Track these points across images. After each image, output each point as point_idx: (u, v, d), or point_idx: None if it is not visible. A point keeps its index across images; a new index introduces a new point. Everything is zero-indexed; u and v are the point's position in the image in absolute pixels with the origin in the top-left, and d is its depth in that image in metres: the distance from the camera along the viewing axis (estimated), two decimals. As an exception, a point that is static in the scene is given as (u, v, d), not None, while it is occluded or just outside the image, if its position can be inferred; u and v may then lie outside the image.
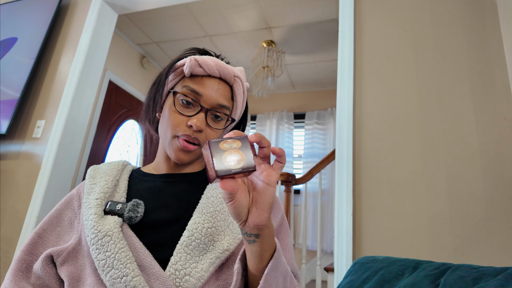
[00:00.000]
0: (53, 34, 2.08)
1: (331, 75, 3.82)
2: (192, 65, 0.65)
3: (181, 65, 0.68)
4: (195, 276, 0.55)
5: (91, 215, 0.60)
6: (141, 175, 0.73)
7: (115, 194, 0.66)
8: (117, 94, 3.33)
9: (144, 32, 3.30)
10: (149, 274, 0.54)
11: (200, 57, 0.66)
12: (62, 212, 0.68)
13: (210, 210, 0.62)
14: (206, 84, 0.66)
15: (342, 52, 1.44)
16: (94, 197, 0.63)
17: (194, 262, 0.56)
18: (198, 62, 0.65)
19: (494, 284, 0.49)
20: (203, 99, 0.65)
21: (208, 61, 0.66)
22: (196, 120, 0.64)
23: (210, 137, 0.67)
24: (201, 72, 0.66)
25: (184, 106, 0.66)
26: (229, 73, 0.68)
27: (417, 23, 1.37)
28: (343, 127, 1.33)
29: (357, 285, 0.65)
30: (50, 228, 0.66)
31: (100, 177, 0.69)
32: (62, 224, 0.67)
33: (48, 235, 0.65)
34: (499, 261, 1.01)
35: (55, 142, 1.77)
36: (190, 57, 0.66)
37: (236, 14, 2.90)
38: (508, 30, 1.15)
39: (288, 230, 0.72)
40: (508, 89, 1.15)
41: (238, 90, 0.70)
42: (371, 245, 1.18)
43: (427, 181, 1.17)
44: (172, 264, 0.55)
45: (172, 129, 0.65)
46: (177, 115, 0.65)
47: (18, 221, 1.71)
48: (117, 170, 0.71)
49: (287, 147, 4.10)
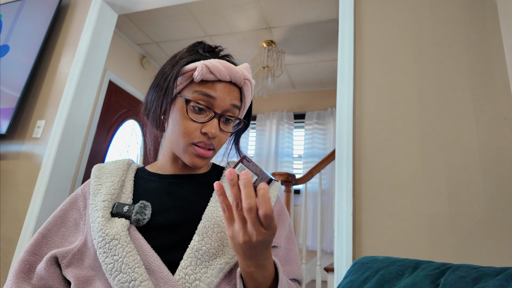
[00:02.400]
0: (53, 34, 2.08)
1: (331, 75, 3.82)
2: (203, 72, 0.63)
3: (190, 70, 0.65)
4: (205, 281, 0.54)
5: (98, 217, 0.59)
6: (147, 175, 0.72)
7: (121, 195, 0.66)
8: (117, 94, 3.33)
9: (144, 32, 3.30)
10: (157, 278, 0.54)
11: (211, 63, 0.64)
12: (67, 213, 0.67)
13: (220, 214, 0.62)
14: (217, 88, 0.64)
15: (342, 52, 1.44)
16: (101, 199, 0.63)
17: (204, 267, 0.56)
18: (210, 69, 0.63)
19: (494, 284, 0.49)
20: (217, 103, 0.64)
21: (219, 66, 0.64)
22: (210, 127, 0.63)
23: (222, 140, 0.68)
24: (212, 78, 0.64)
25: (196, 112, 0.64)
26: (240, 76, 0.66)
27: (417, 23, 1.37)
28: (343, 127, 1.33)
29: (357, 285, 0.65)
30: (55, 228, 0.65)
31: (106, 178, 0.68)
32: (67, 225, 0.66)
33: (52, 236, 0.64)
34: (499, 261, 1.01)
35: (55, 142, 1.77)
36: (200, 63, 0.63)
37: (236, 14, 2.90)
38: (508, 30, 1.15)
39: (294, 238, 0.73)
40: (508, 89, 1.15)
41: (247, 92, 0.69)
42: (371, 245, 1.18)
43: (427, 181, 1.17)
44: (182, 268, 0.55)
45: (186, 136, 0.64)
46: (190, 122, 0.64)
47: (18, 221, 1.71)
48: (122, 170, 0.70)
49: (287, 147, 4.10)
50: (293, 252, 0.70)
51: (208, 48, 0.71)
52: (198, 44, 0.71)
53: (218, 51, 0.72)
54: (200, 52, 0.69)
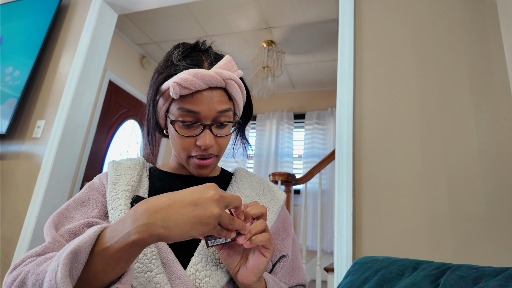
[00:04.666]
0: (53, 34, 2.08)
1: (331, 75, 3.82)
2: (177, 91, 0.59)
3: (166, 90, 0.63)
4: (215, 278, 0.55)
5: (120, 205, 0.59)
6: (160, 174, 0.73)
7: (139, 189, 0.66)
8: (117, 94, 3.33)
9: (144, 32, 3.30)
10: (171, 272, 0.54)
11: (181, 78, 0.60)
12: (86, 195, 0.65)
13: None
14: (198, 100, 0.61)
15: (342, 52, 1.44)
16: (122, 188, 0.62)
17: (214, 265, 0.57)
18: (182, 85, 0.60)
19: (494, 284, 0.49)
20: (202, 116, 0.62)
21: (190, 79, 0.59)
22: (203, 140, 0.62)
23: (223, 145, 0.67)
24: (188, 91, 0.60)
25: (186, 128, 0.63)
26: (216, 79, 0.61)
27: (417, 23, 1.37)
28: (343, 127, 1.33)
29: (357, 285, 0.65)
30: (75, 208, 0.62)
31: (124, 170, 0.68)
32: (88, 204, 0.63)
33: (73, 214, 0.61)
34: (499, 261, 1.01)
35: (55, 142, 1.77)
36: (171, 83, 0.60)
37: (236, 14, 2.89)
38: (508, 30, 1.15)
39: (297, 244, 0.75)
40: (508, 89, 1.15)
41: (232, 90, 0.64)
42: (371, 245, 1.18)
43: (427, 181, 1.17)
44: (193, 265, 0.56)
45: (184, 151, 0.65)
46: (184, 138, 0.64)
47: (18, 221, 1.71)
48: (140, 166, 0.70)
49: (287, 147, 4.10)
50: (297, 259, 0.73)
51: (184, 53, 0.66)
52: (174, 50, 0.67)
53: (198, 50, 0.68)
54: (174, 62, 0.64)
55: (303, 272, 0.72)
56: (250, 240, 0.50)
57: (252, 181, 0.75)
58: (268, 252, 0.53)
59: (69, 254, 0.39)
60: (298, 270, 0.71)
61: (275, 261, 0.68)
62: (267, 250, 0.53)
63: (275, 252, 0.68)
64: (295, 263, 0.71)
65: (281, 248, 0.68)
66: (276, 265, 0.68)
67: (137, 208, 0.43)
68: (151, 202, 0.44)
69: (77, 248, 0.40)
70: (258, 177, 0.77)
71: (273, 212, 0.70)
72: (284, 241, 0.70)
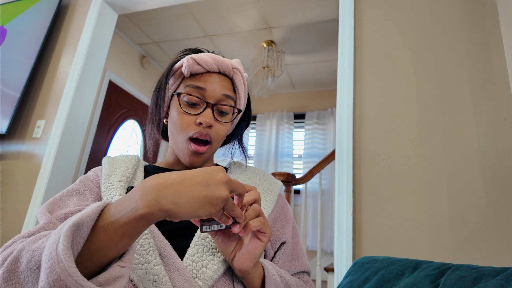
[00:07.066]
0: (53, 34, 2.08)
1: (331, 75, 3.82)
2: (190, 65, 0.66)
3: (179, 67, 0.69)
4: (212, 268, 0.55)
5: (115, 196, 0.59)
6: (155, 169, 0.73)
7: (134, 181, 0.66)
8: (117, 94, 3.33)
9: (144, 32, 3.30)
10: (168, 264, 0.54)
11: (197, 55, 0.67)
12: (81, 185, 0.64)
13: None
14: (207, 80, 0.67)
15: (342, 52, 1.44)
16: (117, 179, 0.63)
17: (211, 255, 0.57)
18: (196, 60, 0.67)
19: (494, 284, 0.49)
20: (208, 94, 0.67)
21: (205, 57, 0.67)
22: (204, 117, 0.65)
23: (220, 132, 0.69)
24: (200, 69, 0.67)
25: (189, 106, 0.67)
26: (227, 65, 0.69)
27: (417, 23, 1.37)
28: (343, 127, 1.33)
29: (357, 285, 0.65)
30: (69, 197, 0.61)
31: (119, 164, 0.68)
32: (82, 194, 0.63)
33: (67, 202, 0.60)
34: (499, 261, 1.01)
35: (55, 142, 1.77)
36: (186, 57, 0.67)
37: (236, 14, 2.90)
38: (508, 30, 1.15)
39: (297, 232, 0.76)
40: (508, 89, 1.15)
41: (238, 81, 0.71)
42: (371, 245, 1.18)
43: (427, 181, 1.17)
44: (189, 256, 0.56)
45: (183, 130, 0.67)
46: (185, 115, 0.67)
47: (18, 221, 1.71)
48: (135, 161, 0.71)
49: (287, 147, 4.10)
50: (298, 246, 0.73)
51: (197, 50, 0.74)
52: (189, 48, 0.75)
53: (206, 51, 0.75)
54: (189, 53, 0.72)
55: (306, 258, 0.72)
56: (245, 227, 0.49)
57: (247, 171, 0.76)
58: (265, 236, 0.52)
59: (71, 226, 0.37)
60: (300, 257, 0.71)
61: (276, 249, 0.68)
62: (263, 234, 0.52)
63: (275, 239, 0.68)
64: (296, 249, 0.71)
65: (280, 235, 0.68)
66: (277, 253, 0.68)
67: (146, 182, 0.42)
68: (161, 177, 0.42)
69: (80, 221, 0.38)
70: (253, 168, 0.78)
71: (270, 201, 0.70)
72: (283, 228, 0.70)
